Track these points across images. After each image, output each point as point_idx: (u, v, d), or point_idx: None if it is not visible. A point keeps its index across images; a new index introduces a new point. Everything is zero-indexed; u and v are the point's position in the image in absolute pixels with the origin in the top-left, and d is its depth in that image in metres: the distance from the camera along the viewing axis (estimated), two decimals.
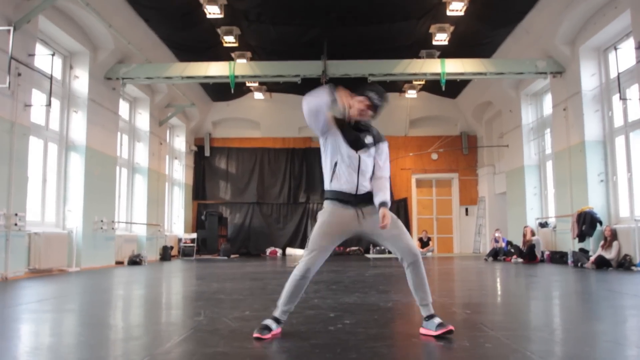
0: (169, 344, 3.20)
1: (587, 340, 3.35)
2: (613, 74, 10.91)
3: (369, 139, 3.56)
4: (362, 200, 3.46)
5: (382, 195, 3.46)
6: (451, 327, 3.25)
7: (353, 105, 3.45)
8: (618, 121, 10.95)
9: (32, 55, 9.11)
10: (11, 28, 8.28)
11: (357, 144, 3.49)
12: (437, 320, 3.32)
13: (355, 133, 3.52)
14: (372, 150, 3.57)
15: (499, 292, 6.57)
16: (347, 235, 3.55)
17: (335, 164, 3.47)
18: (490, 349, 3.02)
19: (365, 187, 3.49)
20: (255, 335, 3.23)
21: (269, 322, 3.34)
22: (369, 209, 3.47)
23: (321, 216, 3.50)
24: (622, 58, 10.49)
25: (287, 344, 3.19)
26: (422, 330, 3.40)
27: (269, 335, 3.25)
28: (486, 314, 4.50)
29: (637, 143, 10.06)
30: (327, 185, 3.53)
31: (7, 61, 8.24)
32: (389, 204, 3.46)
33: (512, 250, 13.63)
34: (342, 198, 3.45)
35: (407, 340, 3.46)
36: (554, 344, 3.23)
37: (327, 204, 3.53)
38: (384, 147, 3.68)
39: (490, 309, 4.87)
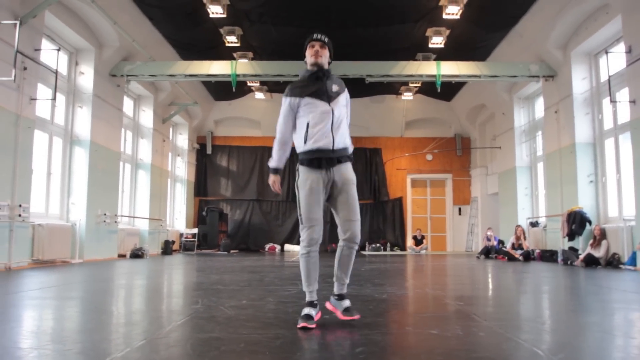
0: (166, 329, 3.16)
1: (577, 331, 3.32)
2: (604, 78, 10.91)
3: (334, 87, 3.43)
4: (337, 155, 3.37)
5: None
6: (357, 316, 3.29)
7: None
8: (608, 124, 10.95)
9: (38, 50, 9.05)
10: (17, 22, 8.23)
11: (327, 96, 3.38)
12: (346, 303, 3.36)
13: (320, 84, 3.40)
14: (341, 98, 3.46)
15: (491, 287, 6.52)
16: (324, 198, 3.42)
17: (308, 124, 3.34)
18: (484, 338, 2.98)
19: (340, 141, 3.39)
20: (301, 325, 3.11)
21: (307, 310, 3.25)
22: (338, 168, 3.37)
23: (302, 186, 3.36)
24: (613, 62, 10.47)
25: (282, 331, 3.14)
26: (329, 306, 3.47)
27: (314, 324, 3.14)
28: (478, 305, 4.46)
29: (626, 145, 10.03)
30: (301, 147, 3.39)
31: (13, 55, 8.19)
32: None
33: (504, 248, 13.58)
34: (318, 156, 3.32)
35: (400, 329, 3.42)
36: (545, 333, 3.19)
37: (302, 170, 3.40)
38: (347, 95, 3.57)
39: (482, 302, 4.83)
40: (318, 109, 3.34)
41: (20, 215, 8.41)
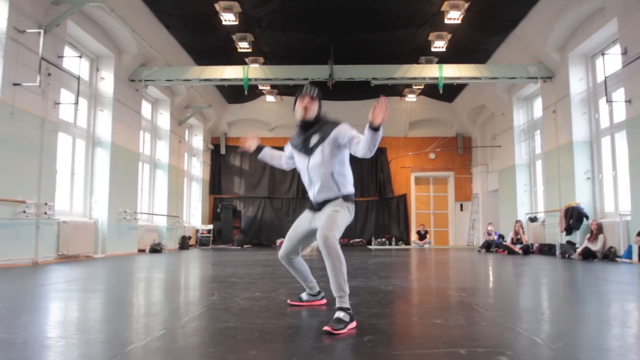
0: (184, 320, 3.18)
1: (575, 320, 3.30)
2: (600, 79, 10.82)
3: (314, 139, 3.29)
4: (320, 204, 3.36)
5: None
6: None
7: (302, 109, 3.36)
8: (604, 122, 10.87)
9: (61, 56, 9.13)
10: (42, 31, 8.31)
11: (306, 150, 3.34)
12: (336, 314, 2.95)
13: (304, 136, 3.35)
14: (324, 146, 3.24)
15: (492, 279, 6.50)
16: (307, 228, 3.47)
17: (300, 177, 3.54)
18: (486, 327, 2.97)
19: (320, 195, 3.33)
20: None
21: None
22: (320, 211, 3.35)
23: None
24: (609, 63, 10.39)
25: (295, 320, 3.16)
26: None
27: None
28: (480, 296, 4.45)
29: (622, 143, 9.95)
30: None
31: (37, 62, 8.27)
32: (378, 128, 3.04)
33: (505, 243, 13.51)
34: (311, 204, 3.47)
35: (406, 319, 3.43)
36: (544, 323, 3.18)
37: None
38: (340, 130, 3.23)
39: (483, 293, 4.82)
40: (299, 164, 3.46)
41: (46, 213, 8.50)
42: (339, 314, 2.86)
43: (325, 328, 2.72)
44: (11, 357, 2.24)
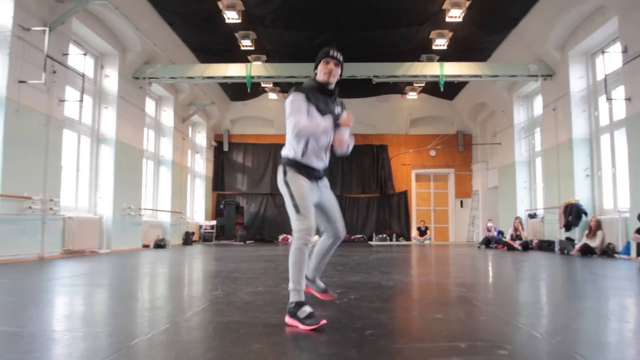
0: (188, 314, 3.20)
1: (573, 315, 3.31)
2: (600, 77, 10.78)
3: (338, 110, 3.26)
4: (325, 172, 3.28)
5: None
6: (334, 296, 3.52)
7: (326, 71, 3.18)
8: (604, 120, 10.83)
9: (66, 54, 9.13)
10: (47, 29, 8.31)
11: (332, 115, 3.18)
12: (322, 285, 3.50)
13: (329, 101, 3.21)
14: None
15: (491, 274, 6.50)
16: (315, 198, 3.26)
17: (308, 141, 3.09)
18: (485, 322, 2.99)
19: (327, 162, 3.27)
20: (315, 326, 2.70)
21: (307, 308, 2.80)
22: (324, 181, 3.27)
23: (294, 180, 3.06)
24: (609, 61, 10.35)
25: None
26: (307, 289, 3.39)
27: (321, 321, 2.73)
28: (480, 292, 4.46)
29: (621, 141, 9.93)
30: (292, 156, 3.10)
31: (43, 59, 8.27)
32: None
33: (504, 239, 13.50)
34: (310, 173, 3.11)
35: (407, 313, 3.44)
36: (543, 317, 3.19)
37: (294, 173, 3.08)
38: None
39: (483, 288, 4.83)
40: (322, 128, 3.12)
41: (51, 209, 8.52)
42: (322, 285, 3.42)
43: (328, 297, 3.26)
44: (19, 350, 2.26)
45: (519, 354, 2.22)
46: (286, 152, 3.15)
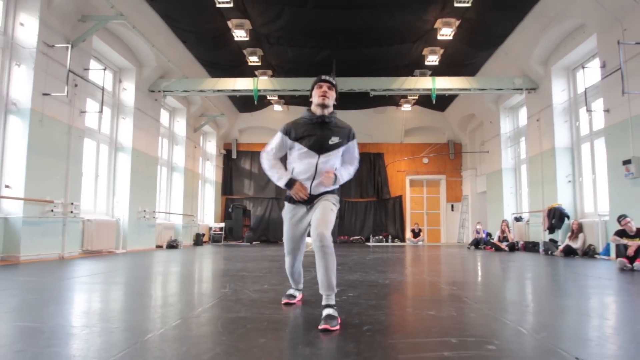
0: (198, 310, 3.18)
1: (557, 312, 3.28)
2: (580, 90, 10.80)
3: (333, 140, 3.02)
4: (315, 197, 3.07)
5: (343, 174, 3.08)
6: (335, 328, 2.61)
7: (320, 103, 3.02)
8: (584, 130, 10.83)
9: (87, 69, 9.17)
10: (69, 45, 8.34)
11: (320, 148, 3.00)
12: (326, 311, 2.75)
13: (320, 133, 3.01)
14: (341, 150, 3.09)
15: (480, 274, 6.47)
16: (305, 225, 3.13)
17: (293, 170, 3.06)
18: (475, 318, 2.96)
19: (318, 189, 3.04)
20: (284, 301, 3.22)
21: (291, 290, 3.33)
22: (319, 200, 3.06)
23: (286, 218, 3.17)
24: (589, 76, 10.37)
25: (299, 310, 3.15)
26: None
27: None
28: (469, 290, 4.43)
29: (600, 149, 9.92)
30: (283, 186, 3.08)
31: (65, 74, 8.30)
32: (338, 182, 3.04)
33: (492, 240, 13.46)
34: (297, 200, 3.07)
35: (402, 310, 3.41)
36: (529, 314, 3.16)
37: (285, 206, 3.16)
38: (354, 143, 3.16)
39: (472, 287, 4.79)
40: (305, 160, 3.01)
41: (72, 212, 8.52)
42: (330, 311, 2.69)
43: (322, 327, 2.54)
44: (40, 344, 2.24)
45: (506, 348, 2.20)
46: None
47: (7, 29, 7.70)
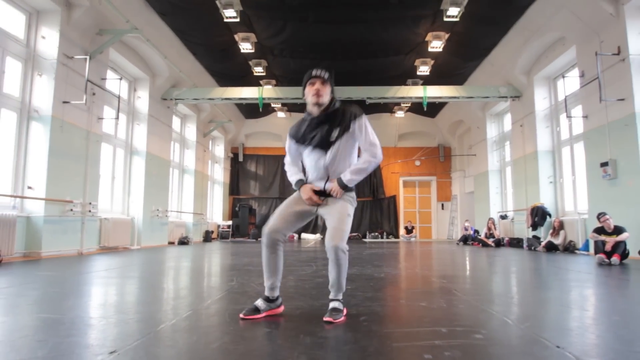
0: (207, 302, 3.17)
1: (540, 304, 3.27)
2: (561, 97, 10.80)
3: (335, 133, 2.66)
4: (326, 193, 2.73)
5: (346, 174, 2.67)
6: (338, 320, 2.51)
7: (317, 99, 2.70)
8: (564, 135, 10.83)
9: (104, 79, 9.16)
10: (87, 57, 8.33)
11: (323, 145, 2.68)
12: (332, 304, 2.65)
13: (319, 133, 2.68)
14: (346, 139, 2.68)
15: (468, 268, 6.46)
16: (306, 215, 2.80)
17: (305, 166, 2.85)
18: (463, 309, 2.95)
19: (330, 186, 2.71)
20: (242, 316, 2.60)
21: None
22: (335, 199, 2.71)
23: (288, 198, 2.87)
24: (568, 84, 10.37)
25: (299, 303, 3.15)
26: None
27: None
28: (458, 283, 4.42)
29: (579, 152, 9.92)
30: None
31: (84, 83, 8.30)
32: (347, 184, 2.66)
33: (479, 237, 13.44)
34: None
35: (396, 301, 3.40)
36: (514, 305, 3.15)
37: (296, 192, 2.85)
38: (359, 124, 2.70)
39: (461, 280, 4.78)
40: (314, 160, 2.73)
41: (90, 211, 8.52)
42: (335, 304, 2.61)
43: (326, 318, 2.49)
44: (60, 334, 2.24)
45: (492, 337, 2.19)
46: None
47: (30, 41, 7.70)
